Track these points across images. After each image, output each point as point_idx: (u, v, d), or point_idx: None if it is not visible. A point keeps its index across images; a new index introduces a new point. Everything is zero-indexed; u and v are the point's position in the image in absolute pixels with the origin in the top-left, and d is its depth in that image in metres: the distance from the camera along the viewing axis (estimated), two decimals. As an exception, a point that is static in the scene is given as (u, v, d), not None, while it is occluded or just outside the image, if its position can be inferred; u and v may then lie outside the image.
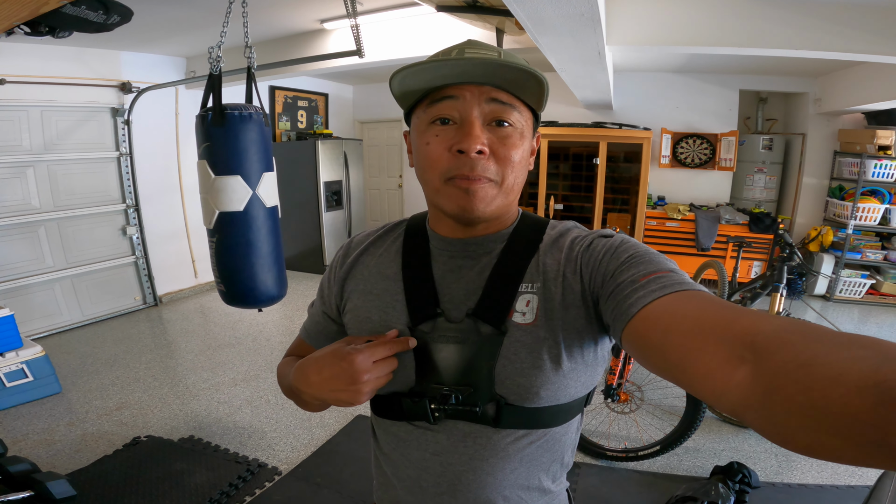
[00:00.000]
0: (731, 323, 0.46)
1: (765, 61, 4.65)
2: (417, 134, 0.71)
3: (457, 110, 0.67)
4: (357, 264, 0.83)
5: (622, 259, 0.64)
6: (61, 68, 4.13)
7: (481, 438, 0.71)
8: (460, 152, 0.66)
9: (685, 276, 0.59)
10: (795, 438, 0.36)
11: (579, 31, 2.37)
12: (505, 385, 0.68)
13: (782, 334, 0.41)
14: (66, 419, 2.97)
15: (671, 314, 0.53)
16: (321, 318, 0.89)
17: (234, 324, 4.53)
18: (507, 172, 0.68)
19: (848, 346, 0.36)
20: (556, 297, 0.68)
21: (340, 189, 6.24)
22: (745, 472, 2.28)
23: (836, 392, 0.33)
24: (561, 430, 0.74)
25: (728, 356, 0.44)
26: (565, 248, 0.72)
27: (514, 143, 0.68)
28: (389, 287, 0.77)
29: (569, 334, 0.68)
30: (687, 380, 0.48)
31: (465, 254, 0.75)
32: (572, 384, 0.69)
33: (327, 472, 2.49)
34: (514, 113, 0.68)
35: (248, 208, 2.19)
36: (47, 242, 4.26)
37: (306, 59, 3.49)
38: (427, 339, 0.72)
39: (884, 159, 4.73)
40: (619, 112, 5.81)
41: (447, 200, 0.69)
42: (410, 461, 0.76)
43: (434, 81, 0.67)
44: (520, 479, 0.73)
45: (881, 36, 2.77)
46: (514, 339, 0.68)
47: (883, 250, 5.05)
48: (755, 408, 0.40)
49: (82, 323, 4.51)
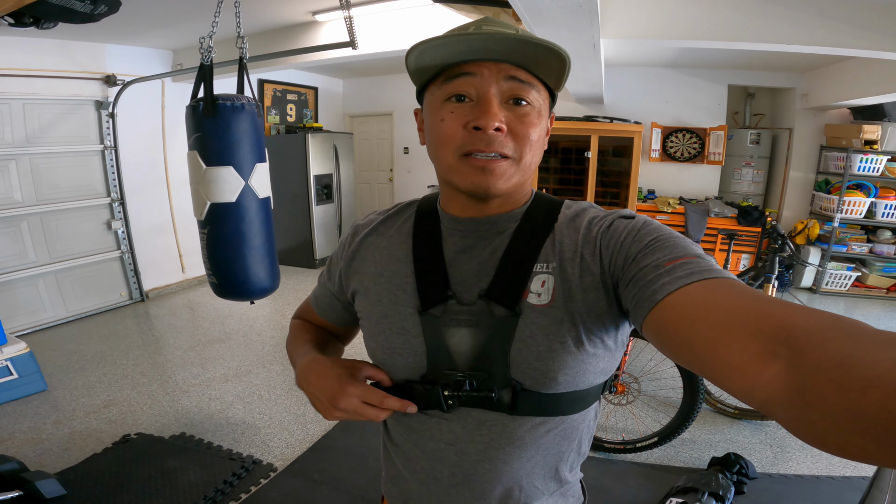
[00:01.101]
0: (765, 315, 0.44)
1: (753, 56, 4.68)
2: (431, 111, 0.68)
3: (474, 87, 0.64)
4: (365, 244, 0.81)
5: (646, 242, 0.61)
6: (44, 61, 4.04)
7: (497, 426, 0.69)
8: (477, 129, 0.63)
9: (713, 262, 0.57)
10: (828, 439, 0.35)
11: (576, 22, 2.36)
12: (521, 370, 0.66)
13: (820, 330, 0.39)
14: (52, 417, 2.90)
15: (700, 304, 0.50)
16: (329, 296, 0.89)
17: (224, 319, 4.47)
18: (525, 150, 0.66)
19: (889, 346, 0.34)
20: (573, 278, 0.66)
21: (331, 183, 6.19)
22: (742, 463, 2.30)
23: (874, 395, 0.31)
24: (578, 417, 0.72)
25: (761, 350, 0.42)
26: (582, 228, 0.69)
27: (531, 121, 0.66)
28: (400, 269, 0.75)
29: (587, 317, 0.65)
30: (715, 373, 0.46)
31: (478, 233, 0.72)
32: (591, 369, 0.67)
33: (324, 468, 2.46)
34: (532, 91, 0.66)
35: (240, 199, 2.16)
36: (30, 237, 4.16)
37: (298, 51, 3.44)
38: (438, 323, 0.69)
39: (869, 154, 4.79)
40: (611, 106, 5.83)
41: (461, 177, 0.66)
42: (424, 452, 0.74)
43: (452, 57, 0.64)
44: (536, 468, 0.71)
45: (869, 30, 2.80)
46: (530, 321, 0.65)
47: (868, 243, 5.13)
48: (787, 406, 0.38)
49: (67, 319, 4.41)
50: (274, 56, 3.44)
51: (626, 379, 2.56)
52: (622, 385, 2.55)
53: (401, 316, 0.72)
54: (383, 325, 0.74)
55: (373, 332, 0.76)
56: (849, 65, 4.39)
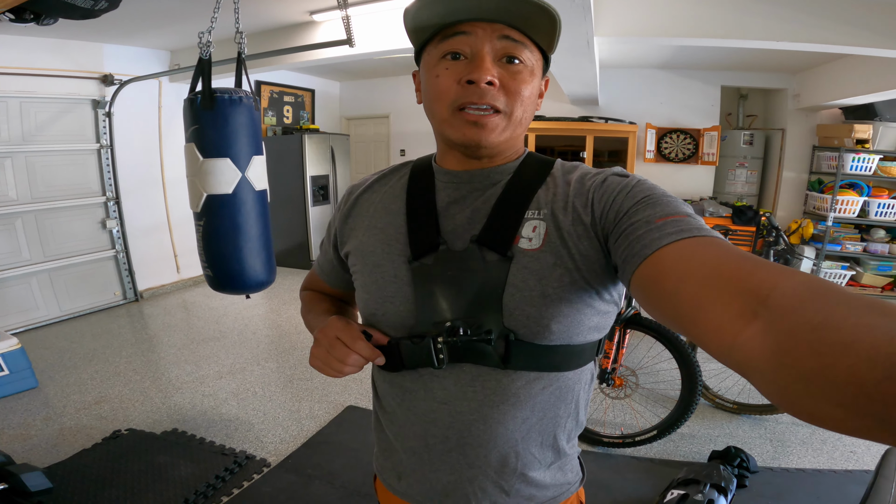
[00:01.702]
0: (748, 275, 0.44)
1: (745, 57, 4.73)
2: (427, 68, 0.71)
3: (468, 45, 0.66)
4: (360, 202, 0.83)
5: (638, 198, 0.62)
6: (42, 59, 4.04)
7: (491, 381, 0.68)
8: (470, 83, 0.65)
9: (702, 222, 0.57)
10: (799, 404, 0.34)
11: (570, 17, 2.38)
12: (514, 316, 0.65)
13: (800, 292, 0.39)
14: (42, 413, 2.87)
15: (687, 260, 0.51)
16: (329, 263, 0.91)
17: (219, 318, 4.45)
18: (515, 105, 0.68)
19: (866, 311, 0.33)
20: (564, 225, 0.66)
21: (327, 184, 6.19)
22: (742, 456, 2.29)
23: (845, 360, 0.31)
24: (573, 377, 0.71)
25: (741, 310, 0.42)
26: (574, 181, 0.70)
27: (524, 78, 0.68)
28: (393, 221, 0.76)
29: (580, 263, 0.65)
30: (697, 331, 0.46)
31: (471, 185, 0.74)
32: (585, 322, 0.67)
33: (318, 463, 2.44)
34: (524, 51, 0.67)
35: (237, 191, 2.15)
36: (24, 235, 4.14)
37: (296, 49, 3.45)
38: (430, 271, 0.69)
39: (861, 153, 4.83)
40: (605, 107, 5.87)
41: (454, 130, 0.68)
42: (416, 414, 0.73)
43: (448, 16, 0.66)
44: (532, 431, 0.71)
45: (859, 27, 2.83)
46: (522, 266, 0.66)
47: (862, 242, 5.16)
48: (762, 368, 0.38)
49: (60, 318, 4.38)
50: (272, 54, 3.45)
51: (624, 372, 2.56)
52: (620, 378, 2.54)
53: (393, 265, 0.73)
54: (376, 275, 0.74)
55: (365, 282, 0.76)
56: (839, 65, 4.44)
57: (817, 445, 2.56)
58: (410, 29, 0.71)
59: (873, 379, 0.29)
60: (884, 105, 4.75)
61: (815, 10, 2.84)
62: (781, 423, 2.76)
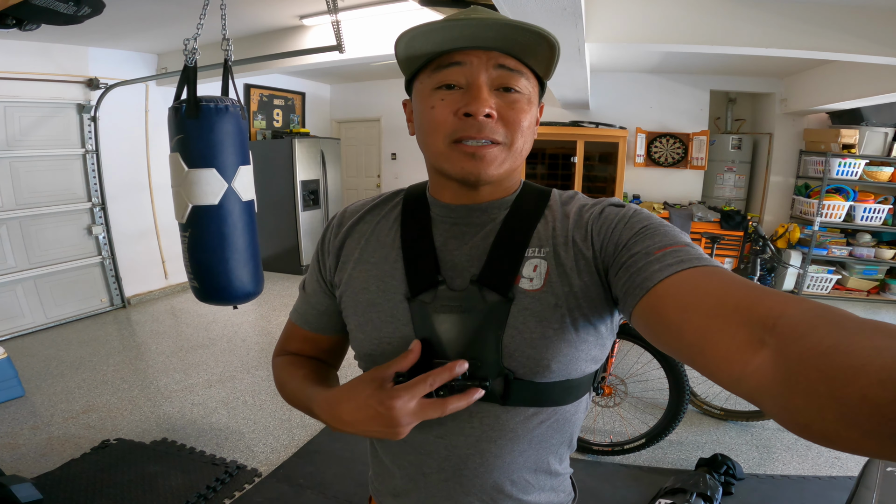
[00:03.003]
0: (754, 304, 0.44)
1: (734, 62, 4.76)
2: (421, 99, 0.68)
3: (464, 76, 0.64)
4: (352, 233, 0.78)
5: (636, 229, 0.62)
6: (26, 63, 3.99)
7: (489, 418, 0.67)
8: (467, 115, 0.63)
9: (701, 251, 0.57)
10: (813, 428, 0.35)
11: (561, 25, 2.38)
12: (514, 357, 0.64)
13: (807, 319, 0.39)
14: (30, 423, 2.84)
15: (690, 291, 0.50)
16: (318, 297, 0.82)
17: (208, 325, 4.41)
18: (516, 136, 0.66)
19: (873, 334, 0.34)
20: (566, 263, 0.65)
21: (318, 188, 6.16)
22: (729, 463, 2.31)
23: (857, 383, 0.31)
24: (571, 409, 0.70)
25: (749, 339, 0.42)
26: (573, 213, 0.69)
27: (522, 107, 0.65)
28: (388, 255, 0.73)
29: (582, 301, 0.64)
30: (704, 362, 0.46)
31: (469, 220, 0.72)
32: (583, 357, 0.66)
33: (310, 473, 2.43)
34: (521, 79, 0.65)
35: (223, 202, 2.13)
36: (9, 242, 4.08)
37: (285, 55, 3.42)
38: (428, 310, 0.67)
39: (847, 157, 4.88)
40: (596, 112, 5.89)
41: (451, 164, 0.66)
42: (412, 446, 0.72)
43: (443, 44, 0.64)
44: (528, 461, 0.70)
45: (846, 33, 2.86)
46: (522, 307, 0.64)
47: (848, 246, 5.21)
48: (773, 394, 0.38)
49: (46, 325, 4.33)
50: (260, 59, 3.43)
51: (613, 381, 2.57)
52: (609, 387, 2.55)
53: (389, 303, 0.70)
54: (371, 315, 0.72)
55: (360, 323, 0.73)
56: (826, 70, 4.48)
57: (802, 451, 2.59)
58: (402, 58, 0.68)
59: (886, 399, 0.29)
60: (870, 110, 4.80)
61: (804, 17, 2.86)
62: (767, 430, 2.79)
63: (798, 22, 2.87)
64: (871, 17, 2.82)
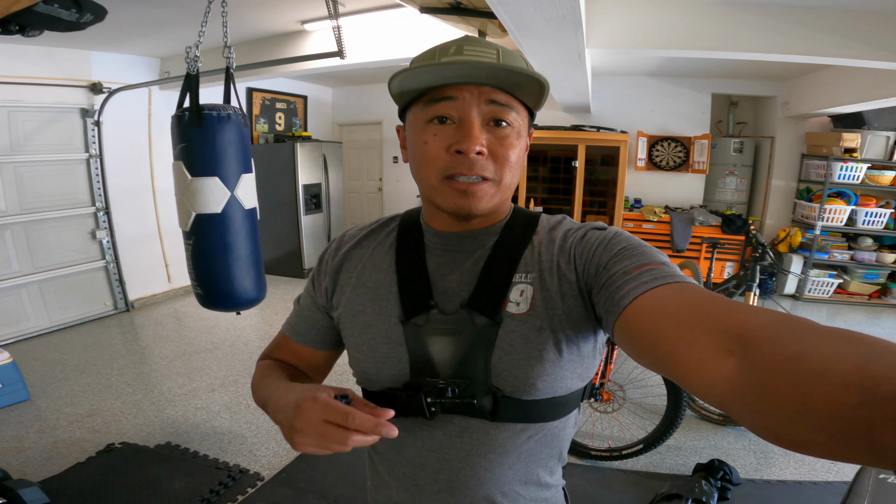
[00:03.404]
0: (721, 315, 0.47)
1: (735, 65, 4.76)
2: (414, 132, 0.71)
3: (455, 110, 0.67)
4: (349, 258, 0.82)
5: (615, 251, 0.65)
6: (29, 68, 4.01)
7: (479, 433, 0.70)
8: (459, 152, 0.66)
9: (676, 269, 0.60)
10: (781, 433, 0.36)
11: (561, 33, 2.39)
12: (501, 377, 0.68)
13: (772, 327, 0.41)
14: (35, 426, 2.87)
15: (662, 306, 0.53)
16: (311, 312, 0.86)
17: (211, 329, 4.44)
18: (504, 172, 0.69)
19: (836, 340, 0.36)
20: (551, 287, 0.69)
21: (320, 192, 6.18)
22: (726, 469, 2.32)
23: (821, 387, 0.32)
24: (559, 424, 0.74)
25: (717, 348, 0.44)
26: (558, 239, 0.73)
27: (511, 143, 0.69)
28: (383, 280, 0.77)
29: (565, 324, 0.68)
30: (677, 371, 0.49)
31: (460, 247, 0.75)
32: (569, 376, 0.69)
33: (311, 477, 2.45)
34: (511, 113, 0.68)
35: (226, 210, 2.16)
36: (13, 246, 4.11)
37: (286, 60, 3.45)
38: (421, 332, 0.71)
39: (849, 161, 4.88)
40: (597, 115, 5.89)
41: (444, 199, 0.69)
42: (406, 458, 0.75)
43: (434, 82, 0.67)
44: (518, 474, 0.73)
45: (846, 38, 2.85)
46: (510, 330, 0.68)
47: (849, 250, 5.21)
48: (741, 401, 0.40)
49: (50, 329, 4.36)
50: (261, 65, 3.45)
51: (612, 387, 2.58)
52: (607, 393, 2.56)
53: (385, 325, 0.74)
54: (367, 335, 0.75)
55: (356, 343, 0.77)
56: (828, 73, 4.47)
57: (799, 456, 2.60)
58: (395, 94, 0.71)
59: (850, 402, 0.31)
60: (872, 114, 4.79)
61: (804, 22, 2.85)
62: (768, 435, 2.79)
63: (798, 27, 2.87)
64: (871, 21, 2.82)
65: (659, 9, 2.95)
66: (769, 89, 5.50)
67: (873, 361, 0.32)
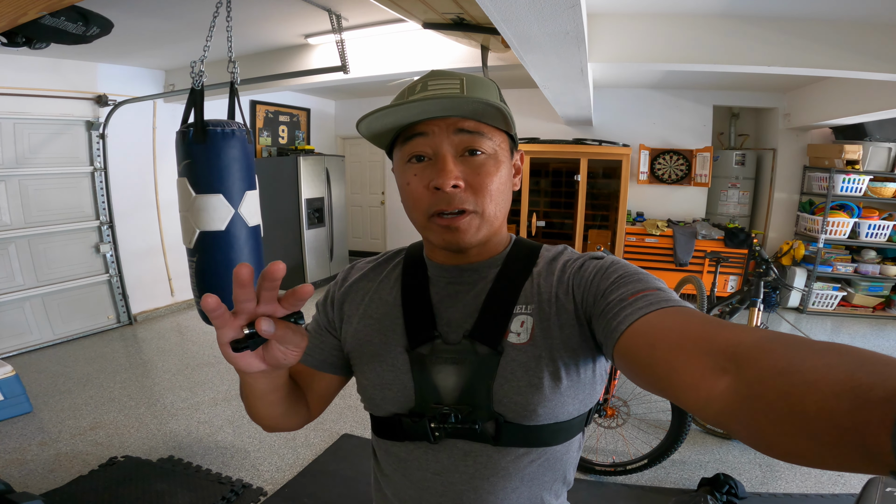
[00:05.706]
0: (713, 336, 0.48)
1: (737, 77, 4.78)
2: (398, 173, 0.74)
3: (429, 146, 0.69)
4: (355, 289, 0.85)
5: (612, 279, 0.67)
6: (35, 80, 4.04)
7: (482, 457, 0.72)
8: (437, 189, 0.68)
9: (672, 294, 0.62)
10: (777, 445, 0.37)
11: (564, 48, 2.41)
12: (503, 403, 0.70)
13: (762, 344, 0.42)
14: (38, 438, 2.86)
15: (657, 329, 0.55)
16: (318, 331, 0.86)
17: (213, 342, 4.42)
18: (485, 203, 0.70)
19: (824, 353, 0.37)
20: (550, 317, 0.71)
21: (322, 206, 6.18)
22: (731, 483, 2.30)
23: (813, 397, 0.34)
24: (562, 448, 0.75)
25: (711, 367, 0.45)
26: (557, 270, 0.75)
27: (488, 171, 0.70)
28: (389, 311, 0.79)
29: (564, 353, 0.69)
30: (674, 392, 0.50)
31: (462, 279, 0.78)
32: (570, 402, 0.71)
33: (314, 492, 2.44)
34: (484, 140, 0.70)
35: (229, 228, 2.14)
36: (17, 260, 4.12)
37: (290, 75, 3.48)
38: (426, 360, 0.73)
39: (851, 174, 4.88)
40: (599, 128, 5.92)
41: (434, 235, 0.72)
42: (412, 481, 0.77)
43: (400, 121, 0.69)
44: (521, 497, 0.74)
45: (847, 50, 2.87)
46: (511, 359, 0.70)
47: (853, 263, 5.20)
48: (737, 416, 0.41)
49: (53, 342, 4.36)
50: (265, 79, 3.49)
51: (616, 402, 2.57)
52: (612, 409, 2.55)
53: (391, 354, 0.76)
54: (374, 364, 0.77)
55: (364, 371, 0.79)
56: (829, 85, 4.49)
57: (805, 469, 2.57)
58: (369, 138, 0.74)
59: (842, 410, 0.32)
60: (874, 125, 4.79)
61: (805, 34, 2.87)
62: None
63: (800, 39, 2.88)
64: (872, 33, 2.83)
65: (660, 23, 2.97)
66: (770, 101, 5.52)
67: (862, 370, 0.33)
